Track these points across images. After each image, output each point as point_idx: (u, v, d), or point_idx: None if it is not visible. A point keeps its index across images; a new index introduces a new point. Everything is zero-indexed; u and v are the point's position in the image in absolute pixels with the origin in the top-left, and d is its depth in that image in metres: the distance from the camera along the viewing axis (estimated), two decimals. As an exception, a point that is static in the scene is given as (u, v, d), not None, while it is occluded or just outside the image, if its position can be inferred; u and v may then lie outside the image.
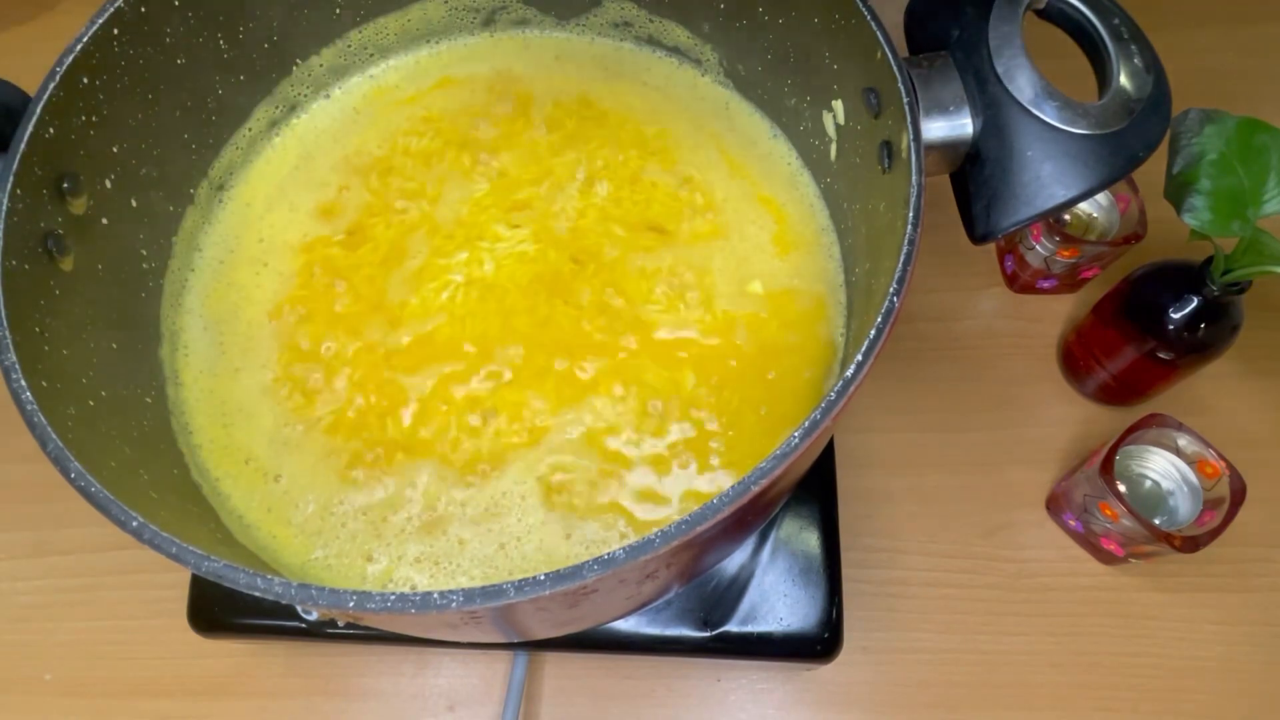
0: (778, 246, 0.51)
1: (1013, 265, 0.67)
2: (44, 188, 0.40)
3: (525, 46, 0.58)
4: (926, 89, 0.39)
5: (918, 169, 0.37)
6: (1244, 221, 0.47)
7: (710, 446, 0.47)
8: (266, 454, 0.47)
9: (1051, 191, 0.38)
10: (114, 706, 0.59)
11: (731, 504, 0.31)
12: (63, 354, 0.40)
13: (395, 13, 0.56)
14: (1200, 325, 0.54)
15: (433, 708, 0.58)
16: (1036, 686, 0.58)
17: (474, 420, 0.48)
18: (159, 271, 0.50)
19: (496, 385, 0.48)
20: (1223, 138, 0.47)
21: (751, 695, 0.58)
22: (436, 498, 0.46)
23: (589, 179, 0.54)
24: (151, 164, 0.47)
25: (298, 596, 0.31)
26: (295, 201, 0.54)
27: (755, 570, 0.55)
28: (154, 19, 0.44)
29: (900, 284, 0.35)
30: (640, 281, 0.51)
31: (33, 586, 0.62)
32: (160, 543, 0.32)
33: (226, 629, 0.56)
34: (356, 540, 0.45)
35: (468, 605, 0.30)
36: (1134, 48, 0.39)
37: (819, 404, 0.33)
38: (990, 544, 0.61)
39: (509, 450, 0.47)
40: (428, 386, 0.48)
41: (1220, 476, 0.53)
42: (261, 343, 0.50)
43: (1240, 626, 0.59)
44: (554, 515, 0.46)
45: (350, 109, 0.57)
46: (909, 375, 0.66)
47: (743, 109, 0.56)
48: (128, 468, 0.40)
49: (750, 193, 0.53)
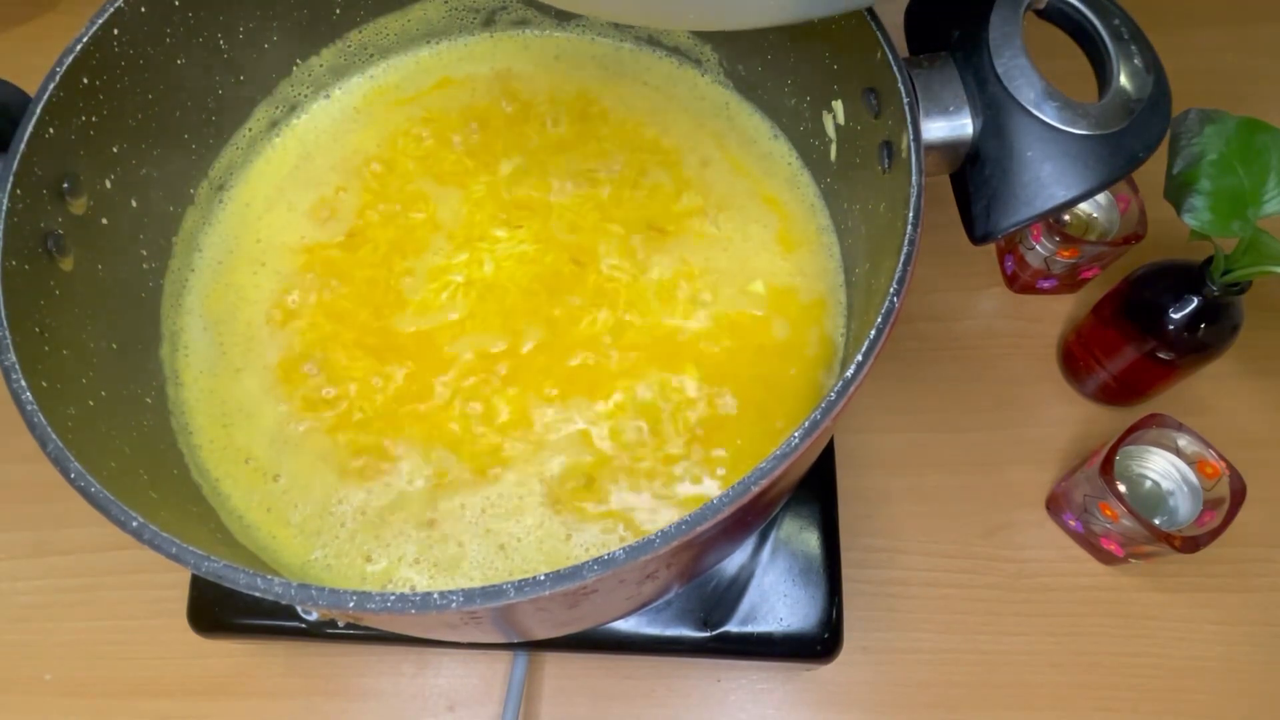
0: (782, 245, 0.51)
1: (1013, 265, 0.67)
2: (44, 188, 0.40)
3: (525, 47, 0.58)
4: (926, 89, 0.39)
5: (918, 169, 0.37)
6: (1244, 221, 0.47)
7: (712, 448, 0.47)
8: (266, 454, 0.47)
9: (1051, 192, 0.38)
10: (114, 706, 0.59)
11: (731, 504, 0.31)
12: (63, 354, 0.40)
13: (395, 13, 0.56)
14: (1200, 325, 0.54)
15: (433, 708, 0.58)
16: (1036, 686, 0.58)
17: (476, 423, 0.48)
18: (159, 271, 0.50)
19: (497, 386, 0.48)
20: (1223, 138, 0.47)
21: (751, 695, 0.58)
22: (436, 498, 0.46)
23: (589, 179, 0.54)
24: (151, 164, 0.47)
25: (298, 597, 0.31)
26: (294, 201, 0.54)
27: (755, 570, 0.55)
28: (154, 19, 0.44)
29: (900, 284, 0.35)
30: (642, 282, 0.51)
31: (33, 586, 0.62)
32: (160, 543, 0.32)
33: (226, 629, 0.56)
34: (356, 540, 0.45)
35: (468, 605, 0.30)
36: (1134, 48, 0.39)
37: (819, 404, 0.33)
38: (990, 544, 0.61)
39: (510, 451, 0.47)
40: (428, 387, 0.48)
41: (1220, 476, 0.53)
42: (261, 343, 0.50)
43: (1240, 626, 0.59)
44: (555, 517, 0.46)
45: (350, 109, 0.57)
46: (909, 375, 0.66)
47: (743, 109, 0.56)
48: (128, 468, 0.40)
49: (753, 191, 0.53)
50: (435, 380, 0.48)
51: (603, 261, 0.51)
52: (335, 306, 0.50)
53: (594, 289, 0.50)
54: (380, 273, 0.51)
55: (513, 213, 0.53)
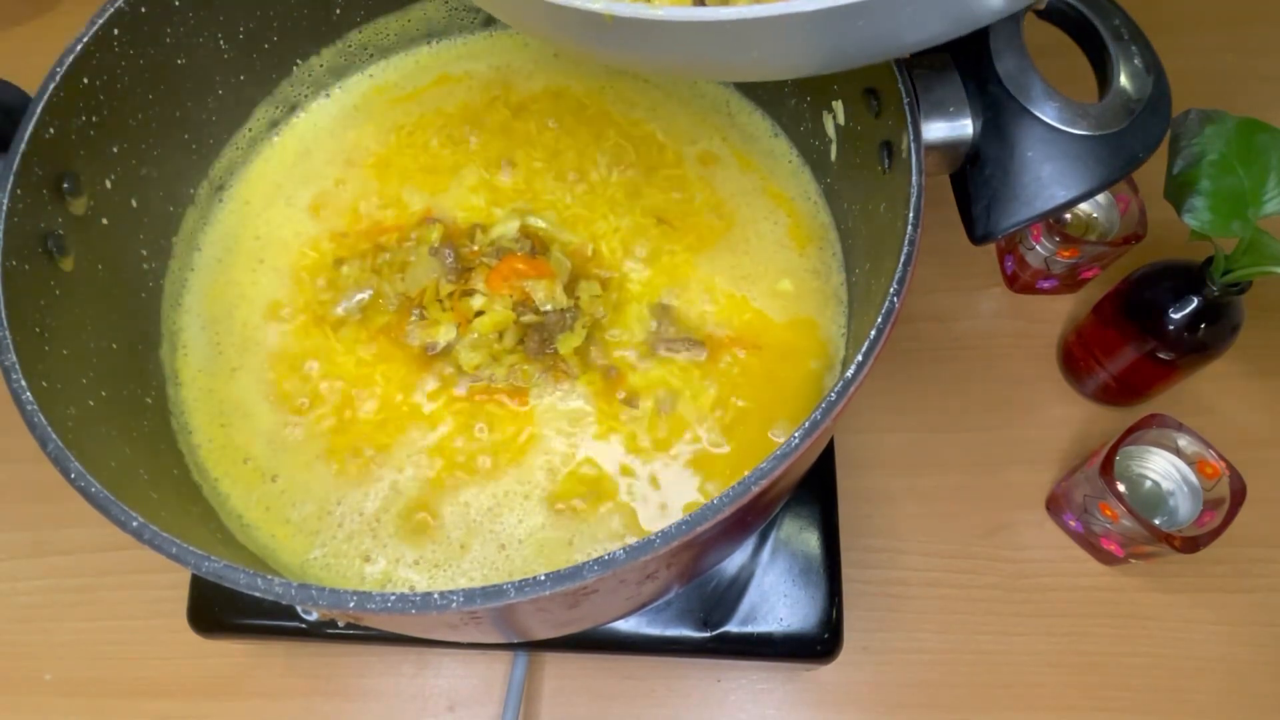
0: (795, 242, 0.51)
1: (1013, 265, 0.67)
2: (44, 188, 0.40)
3: (524, 44, 0.58)
4: (927, 90, 0.39)
5: (918, 170, 0.37)
6: (1244, 222, 0.47)
7: (717, 450, 0.47)
8: (264, 454, 0.47)
9: (1052, 192, 0.38)
10: (114, 706, 0.59)
11: (732, 504, 0.31)
12: (63, 354, 0.40)
13: (395, 13, 0.56)
14: (1200, 325, 0.54)
15: (433, 708, 0.58)
16: (1036, 686, 0.58)
17: (477, 426, 0.47)
18: (159, 271, 0.50)
19: (497, 386, 0.48)
20: (1223, 138, 0.47)
21: (751, 695, 0.58)
22: (436, 498, 0.46)
23: (591, 173, 0.54)
24: (151, 164, 0.47)
25: (298, 597, 0.31)
26: (291, 197, 0.54)
27: (755, 570, 0.55)
28: (154, 19, 0.44)
29: (900, 284, 0.35)
30: (644, 281, 0.51)
31: (33, 586, 0.62)
32: (160, 543, 0.32)
33: (226, 629, 0.56)
34: (354, 541, 0.45)
35: (468, 605, 0.30)
36: (1134, 48, 0.39)
37: (819, 404, 0.33)
38: (990, 544, 0.61)
39: (511, 452, 0.47)
40: (428, 386, 0.48)
41: (1220, 477, 0.53)
42: (258, 342, 0.50)
43: (1240, 626, 0.59)
44: (555, 517, 0.46)
45: (349, 107, 0.57)
46: (909, 375, 0.66)
47: (743, 107, 0.56)
48: (128, 468, 0.40)
49: (760, 187, 0.53)
50: (435, 380, 0.48)
51: (607, 259, 0.51)
52: (331, 304, 0.50)
53: (598, 287, 0.50)
54: (379, 268, 0.51)
55: (513, 208, 0.53)
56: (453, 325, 0.48)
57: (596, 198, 0.53)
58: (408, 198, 0.53)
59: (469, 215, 0.53)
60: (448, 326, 0.48)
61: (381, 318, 0.50)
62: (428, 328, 0.49)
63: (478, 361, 0.48)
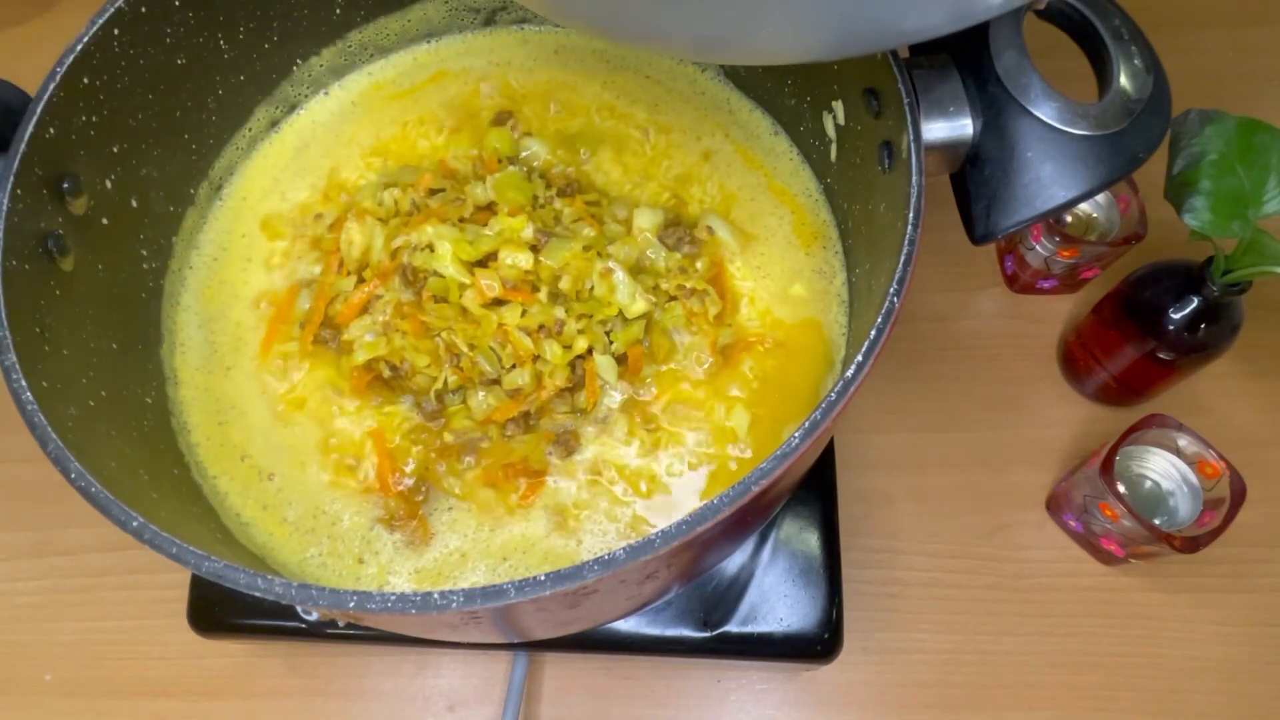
0: (800, 239, 0.51)
1: (1013, 265, 0.67)
2: (44, 188, 0.40)
3: (524, 41, 0.58)
4: (927, 90, 0.39)
5: (918, 170, 0.37)
6: (1244, 222, 0.47)
7: (724, 452, 0.47)
8: (260, 451, 0.47)
9: (1052, 192, 0.38)
10: (114, 706, 0.59)
11: (731, 504, 0.31)
12: (63, 354, 0.40)
13: (395, 13, 0.56)
14: (1200, 325, 0.54)
15: (433, 708, 0.58)
16: (1036, 686, 0.58)
17: (478, 424, 0.47)
18: (159, 271, 0.50)
19: (497, 385, 0.48)
20: (1223, 138, 0.47)
21: (751, 695, 0.58)
22: (435, 497, 0.46)
23: (593, 170, 0.54)
24: (151, 164, 0.47)
25: (298, 596, 0.31)
26: (286, 191, 0.54)
27: (755, 570, 0.55)
28: (154, 19, 0.44)
29: (900, 284, 0.35)
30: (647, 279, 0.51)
31: (33, 586, 0.62)
32: (160, 543, 0.32)
33: (226, 629, 0.55)
34: (349, 540, 0.45)
35: (468, 605, 0.30)
36: (1134, 48, 0.39)
37: (819, 404, 0.33)
38: (990, 544, 0.61)
39: (511, 452, 0.47)
40: (429, 386, 0.48)
41: (1220, 477, 0.53)
42: (250, 339, 0.50)
43: (1240, 626, 0.59)
44: (556, 516, 0.46)
45: (347, 104, 0.57)
46: (909, 375, 0.66)
47: (744, 105, 0.56)
48: (128, 468, 0.40)
49: (764, 184, 0.53)
50: (436, 379, 0.48)
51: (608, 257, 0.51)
52: (324, 300, 0.50)
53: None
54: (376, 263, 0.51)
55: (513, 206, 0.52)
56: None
57: (603, 193, 0.53)
58: (403, 195, 0.53)
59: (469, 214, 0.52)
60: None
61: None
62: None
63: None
